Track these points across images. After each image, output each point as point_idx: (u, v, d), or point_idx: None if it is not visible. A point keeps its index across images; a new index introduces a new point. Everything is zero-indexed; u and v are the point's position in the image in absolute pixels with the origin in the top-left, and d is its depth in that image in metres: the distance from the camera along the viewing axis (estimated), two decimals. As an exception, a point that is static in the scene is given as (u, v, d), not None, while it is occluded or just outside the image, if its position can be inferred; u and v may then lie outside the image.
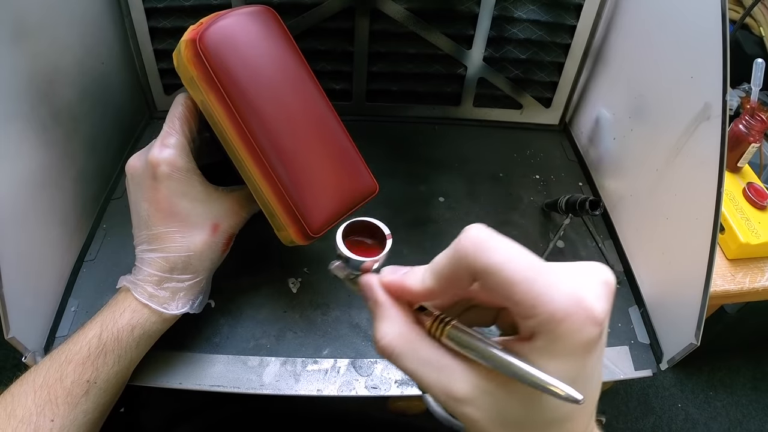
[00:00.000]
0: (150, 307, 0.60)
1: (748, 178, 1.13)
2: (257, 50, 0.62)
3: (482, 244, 0.33)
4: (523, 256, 0.33)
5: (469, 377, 0.35)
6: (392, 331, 0.38)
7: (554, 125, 1.11)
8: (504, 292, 0.33)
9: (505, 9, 0.92)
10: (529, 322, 0.33)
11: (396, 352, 0.37)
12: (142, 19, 0.91)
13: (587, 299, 0.32)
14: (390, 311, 0.39)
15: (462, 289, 0.37)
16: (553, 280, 0.32)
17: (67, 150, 0.77)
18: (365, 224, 0.47)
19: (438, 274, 0.37)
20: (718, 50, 0.63)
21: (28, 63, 0.68)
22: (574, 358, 0.33)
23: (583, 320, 0.32)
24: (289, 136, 0.62)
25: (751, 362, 2.02)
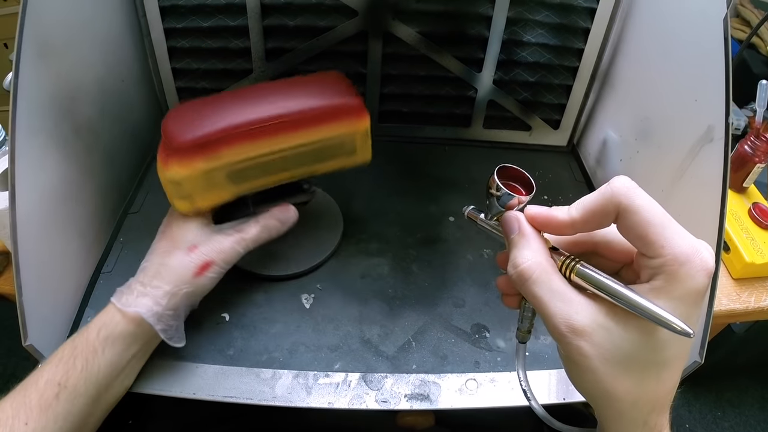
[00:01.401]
0: (113, 304, 0.62)
1: (754, 198, 1.14)
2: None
3: (632, 188, 0.39)
4: (659, 207, 0.39)
5: (590, 312, 0.40)
6: (533, 258, 0.42)
7: (562, 147, 1.13)
8: (640, 230, 0.38)
9: (515, 33, 0.94)
10: (654, 262, 0.38)
11: (533, 278, 0.42)
12: (161, 39, 0.93)
13: (704, 252, 0.37)
14: (533, 241, 0.44)
15: (599, 226, 0.42)
16: (680, 231, 0.38)
17: (87, 164, 0.79)
18: (513, 171, 0.50)
19: (585, 208, 0.42)
20: (720, 74, 0.65)
21: (53, 80, 0.70)
22: (686, 302, 0.38)
23: (699, 268, 0.37)
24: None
25: (760, 382, 2.00)
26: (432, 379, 0.71)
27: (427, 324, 0.77)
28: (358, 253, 0.86)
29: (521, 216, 0.46)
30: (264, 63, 0.95)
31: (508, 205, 0.48)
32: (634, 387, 0.40)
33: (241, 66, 0.96)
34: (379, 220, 0.90)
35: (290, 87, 0.71)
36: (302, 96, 0.69)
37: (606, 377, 0.40)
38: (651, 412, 0.42)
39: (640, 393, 0.41)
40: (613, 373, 0.40)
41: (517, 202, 0.48)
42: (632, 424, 0.42)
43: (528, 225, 0.45)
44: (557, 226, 0.44)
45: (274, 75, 0.98)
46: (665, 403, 0.43)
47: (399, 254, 0.87)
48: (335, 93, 0.70)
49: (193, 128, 0.64)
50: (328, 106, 0.69)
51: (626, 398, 0.41)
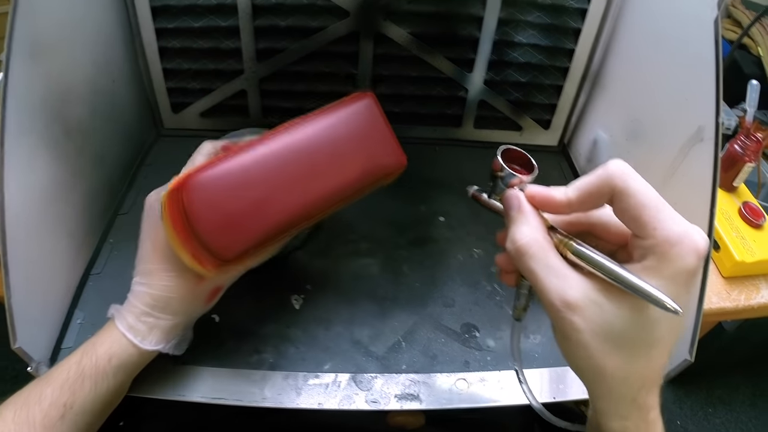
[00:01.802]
0: (127, 337, 0.60)
1: (744, 197, 1.14)
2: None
3: (627, 171, 0.41)
4: (653, 190, 0.40)
5: (584, 287, 0.41)
6: (530, 234, 0.44)
7: (553, 146, 1.13)
8: (635, 212, 0.40)
9: (506, 33, 0.94)
10: (646, 242, 0.40)
11: (530, 253, 0.43)
12: (152, 39, 0.93)
13: (695, 235, 0.39)
14: (531, 218, 0.45)
15: (595, 206, 0.44)
16: (673, 214, 0.39)
17: (77, 165, 0.78)
18: (515, 153, 0.52)
19: (581, 189, 0.43)
20: (711, 74, 0.65)
21: (43, 81, 0.70)
22: (676, 282, 0.39)
23: (689, 249, 0.38)
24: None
25: (751, 379, 2.01)
26: (422, 379, 0.71)
27: (416, 324, 0.78)
28: (348, 253, 0.86)
29: (521, 194, 0.47)
30: (255, 63, 0.95)
31: (510, 184, 0.50)
32: (623, 363, 0.42)
33: (232, 66, 0.96)
34: (369, 221, 0.90)
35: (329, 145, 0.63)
36: (347, 161, 0.63)
37: (597, 352, 0.41)
38: (640, 390, 0.43)
39: (629, 369, 0.42)
40: (603, 349, 0.41)
41: (519, 181, 0.50)
42: (621, 400, 0.44)
43: (527, 203, 0.46)
44: (555, 205, 0.45)
45: (265, 75, 0.98)
46: (655, 381, 0.44)
47: (389, 255, 0.87)
48: (379, 146, 0.66)
49: (236, 235, 0.58)
50: (376, 173, 0.66)
51: (616, 374, 0.42)
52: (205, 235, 0.56)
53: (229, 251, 0.58)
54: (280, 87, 1.00)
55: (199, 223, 0.56)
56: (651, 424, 0.45)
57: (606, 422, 0.45)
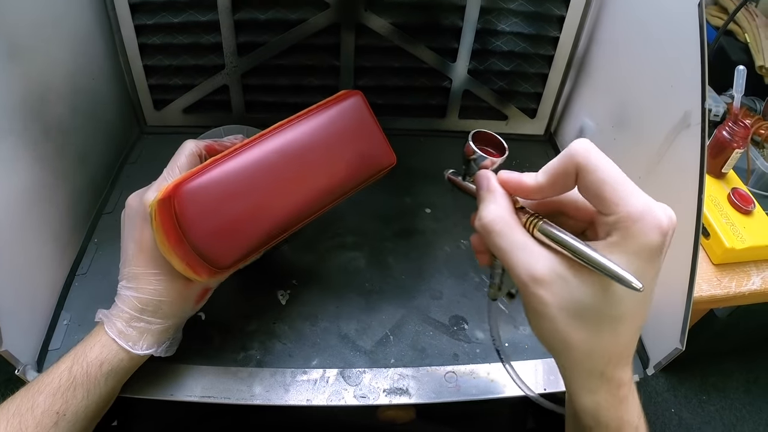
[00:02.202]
0: (118, 343, 0.59)
1: (733, 184, 1.14)
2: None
3: (589, 149, 0.41)
4: (616, 167, 0.40)
5: (550, 262, 0.42)
6: (496, 212, 0.45)
7: (539, 135, 1.12)
8: (597, 189, 0.40)
9: (489, 22, 0.94)
10: (609, 218, 0.40)
11: (496, 229, 0.44)
12: (131, 35, 0.92)
13: (656, 211, 0.39)
14: (499, 198, 0.46)
15: (564, 189, 0.44)
16: (634, 190, 0.40)
17: (59, 165, 0.78)
18: (487, 135, 0.55)
19: (550, 171, 0.44)
20: (696, 59, 0.65)
21: (20, 81, 0.69)
22: (640, 258, 0.39)
23: (651, 225, 0.38)
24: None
25: (744, 366, 2.02)
26: (410, 373, 0.71)
27: (404, 317, 0.77)
28: (334, 247, 0.86)
29: (491, 175, 0.48)
30: (236, 58, 0.94)
31: (482, 166, 0.52)
32: (589, 337, 0.42)
33: (213, 61, 0.95)
34: (355, 213, 0.89)
35: (320, 147, 0.63)
36: (337, 162, 0.64)
37: (563, 326, 0.42)
38: (607, 364, 0.44)
39: (594, 344, 0.43)
40: (569, 322, 0.42)
41: (490, 163, 0.52)
42: (588, 373, 0.44)
43: (496, 183, 0.47)
44: (527, 190, 0.46)
45: (246, 70, 0.97)
46: (623, 356, 0.45)
47: (375, 247, 0.86)
48: (368, 144, 0.67)
49: (231, 242, 0.58)
50: (367, 172, 0.67)
51: (581, 347, 0.43)
52: (199, 244, 0.56)
53: (225, 259, 0.58)
54: (262, 81, 0.99)
55: (193, 233, 0.55)
56: (622, 400, 0.46)
57: (577, 399, 0.46)
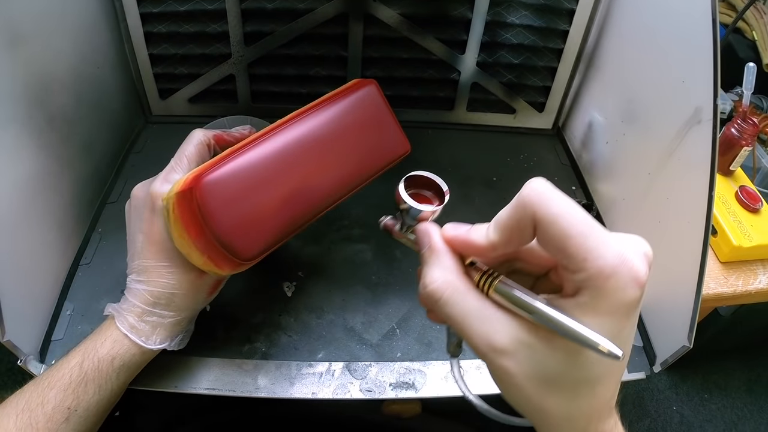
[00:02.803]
0: (130, 338, 0.59)
1: (741, 182, 1.13)
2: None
3: (544, 194, 0.35)
4: (579, 212, 0.34)
5: (512, 329, 0.36)
6: (442, 277, 0.39)
7: (547, 129, 1.12)
8: (559, 243, 0.34)
9: (498, 14, 0.93)
10: (577, 276, 0.34)
11: (444, 298, 0.39)
12: (137, 24, 0.91)
13: (633, 260, 0.33)
14: (443, 259, 0.40)
15: (522, 242, 0.38)
16: (604, 238, 0.34)
17: (63, 154, 0.77)
18: (424, 179, 0.49)
19: (502, 226, 0.38)
20: (708, 54, 0.64)
21: (24, 69, 0.68)
22: (616, 317, 0.34)
23: (627, 279, 0.33)
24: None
25: (746, 365, 2.01)
26: (417, 367, 0.70)
27: (411, 311, 0.77)
28: (340, 239, 0.85)
29: (433, 230, 0.43)
30: (243, 47, 0.94)
31: (420, 217, 0.46)
32: (565, 403, 0.37)
33: (219, 51, 0.94)
34: (362, 206, 0.88)
35: (337, 136, 0.63)
36: (354, 151, 0.64)
37: (534, 395, 0.37)
38: (589, 423, 0.39)
39: (572, 409, 0.38)
40: (541, 391, 0.37)
41: (429, 214, 0.46)
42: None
43: (439, 240, 0.42)
44: (477, 250, 0.40)
45: (253, 59, 0.96)
46: (605, 411, 0.40)
47: (382, 240, 0.85)
48: (384, 133, 0.67)
49: (255, 234, 0.57)
50: (383, 160, 0.66)
51: (558, 413, 0.38)
52: (224, 236, 0.55)
53: (249, 251, 0.57)
54: (269, 71, 0.98)
55: (216, 225, 0.54)
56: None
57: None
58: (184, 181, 0.55)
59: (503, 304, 0.37)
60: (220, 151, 0.63)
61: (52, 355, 0.69)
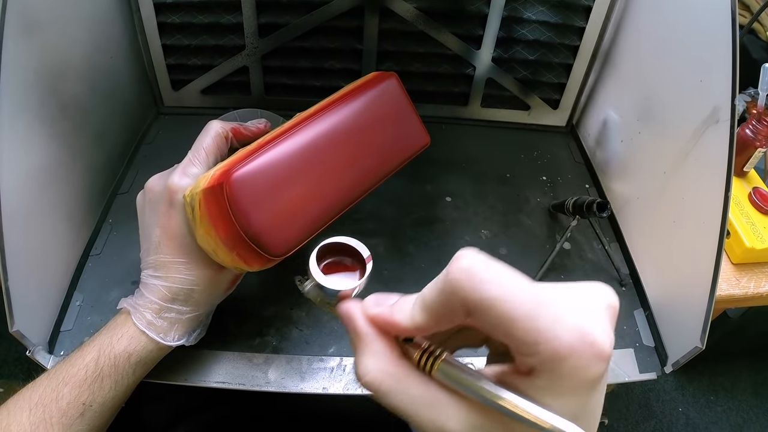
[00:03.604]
0: (147, 335, 0.58)
1: (754, 183, 1.13)
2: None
3: (476, 276, 0.31)
4: (522, 288, 0.30)
5: (464, 414, 0.33)
6: (377, 367, 0.35)
7: (561, 127, 1.11)
8: (503, 329, 0.30)
9: (515, 10, 0.92)
10: (530, 360, 0.30)
11: (383, 389, 0.34)
12: (151, 14, 0.91)
13: (594, 333, 0.29)
14: (373, 344, 0.36)
15: (455, 323, 0.34)
16: (556, 313, 0.29)
17: (75, 144, 0.77)
18: (341, 246, 0.45)
19: (429, 309, 0.34)
20: (727, 54, 0.63)
21: (37, 57, 0.68)
22: (579, 395, 0.30)
23: (589, 357, 0.29)
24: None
25: (753, 367, 2.01)
26: (429, 364, 0.70)
27: (423, 306, 0.76)
28: (353, 233, 0.83)
29: (356, 313, 0.38)
30: (257, 39, 0.93)
31: (340, 296, 0.42)
32: None
33: (233, 42, 0.94)
34: (375, 200, 0.88)
35: (362, 130, 0.62)
36: (379, 144, 0.64)
37: None
38: None
39: None
40: None
41: (348, 293, 0.42)
42: None
43: (364, 323, 0.37)
44: (402, 332, 0.36)
45: (267, 51, 0.96)
46: None
47: (395, 234, 0.85)
48: (405, 126, 0.66)
49: (286, 230, 0.56)
50: (406, 153, 0.66)
51: None
52: (256, 232, 0.54)
53: (281, 247, 0.56)
54: (283, 63, 0.98)
55: (248, 221, 0.54)
56: None
57: None
58: (211, 177, 0.54)
59: (450, 386, 0.34)
60: (237, 145, 0.63)
61: (61, 346, 0.69)
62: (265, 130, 0.64)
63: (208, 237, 0.55)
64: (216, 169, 0.55)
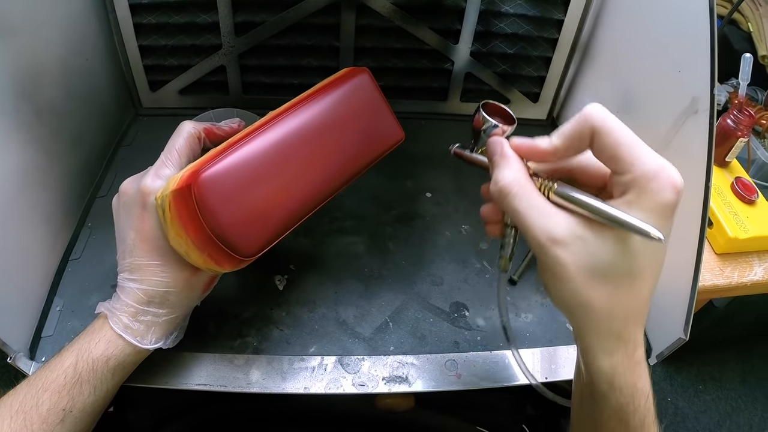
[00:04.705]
0: (124, 338, 0.58)
1: (736, 173, 1.13)
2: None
3: (604, 112, 0.42)
4: (629, 129, 0.42)
5: (568, 223, 0.43)
6: (511, 176, 0.45)
7: (542, 120, 1.11)
8: (612, 150, 0.42)
9: (492, 3, 0.92)
10: (625, 178, 0.41)
11: (513, 192, 0.45)
12: (126, 15, 0.90)
13: (671, 170, 0.41)
14: (513, 162, 0.47)
15: (579, 150, 0.45)
16: (648, 150, 0.41)
17: (51, 148, 0.76)
18: (496, 108, 0.54)
19: (565, 135, 0.45)
20: (705, 44, 0.63)
21: (11, 61, 0.67)
22: (656, 214, 0.40)
23: (666, 183, 0.40)
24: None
25: (740, 356, 2.03)
26: (410, 361, 0.70)
27: (404, 304, 0.76)
28: (333, 231, 0.84)
29: (504, 141, 0.48)
30: (233, 38, 0.93)
31: (493, 134, 0.52)
32: (609, 296, 0.43)
33: (209, 41, 0.93)
34: (354, 197, 0.88)
35: (333, 126, 0.62)
36: (351, 141, 0.64)
37: (582, 286, 0.43)
38: (626, 324, 0.45)
39: (614, 302, 0.44)
40: (589, 283, 0.43)
41: (501, 131, 0.52)
42: (608, 334, 0.45)
43: (509, 148, 0.48)
44: (541, 153, 0.46)
45: (244, 50, 0.95)
46: (639, 315, 0.46)
47: (375, 232, 0.85)
48: (378, 121, 0.67)
49: (256, 230, 0.56)
50: (378, 149, 0.67)
51: (602, 306, 0.43)
52: (225, 233, 0.54)
53: (251, 247, 0.56)
54: (260, 62, 0.97)
55: (216, 222, 0.53)
56: (637, 364, 0.47)
57: (593, 360, 0.46)
58: (180, 179, 0.53)
59: (562, 204, 0.44)
60: (210, 145, 0.62)
61: (42, 352, 0.68)
62: (239, 130, 0.64)
63: (179, 239, 0.55)
64: (185, 170, 0.55)
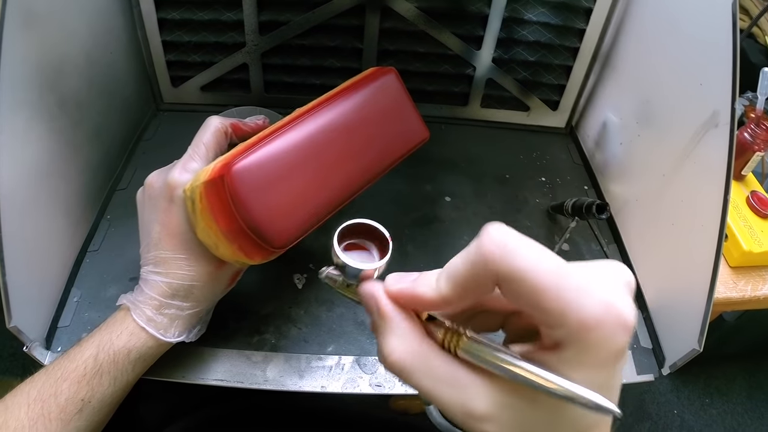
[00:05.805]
0: (147, 331, 0.58)
1: (752, 187, 1.13)
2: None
3: (507, 247, 0.31)
4: (550, 260, 0.31)
5: (489, 392, 0.32)
6: (402, 347, 0.35)
7: (561, 128, 1.11)
8: (530, 300, 0.30)
9: (516, 11, 0.92)
10: (556, 332, 0.30)
11: (407, 369, 0.34)
12: (151, 10, 0.91)
13: (618, 305, 0.30)
14: (397, 324, 0.36)
15: (481, 296, 0.34)
16: (582, 285, 0.30)
17: (73, 139, 0.76)
18: (363, 227, 0.44)
19: (456, 279, 0.33)
20: (728, 58, 0.63)
21: (37, 51, 0.67)
22: (604, 366, 0.31)
23: (614, 327, 0.29)
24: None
25: (748, 371, 2.01)
26: (427, 363, 0.70)
27: (422, 306, 0.76)
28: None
29: (378, 293, 0.38)
30: (257, 36, 0.93)
31: (362, 277, 0.41)
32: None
33: (233, 39, 0.94)
34: (374, 200, 0.88)
35: (362, 124, 0.62)
36: (378, 139, 0.64)
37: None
38: None
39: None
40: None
41: (371, 272, 0.41)
42: None
43: (388, 305, 0.37)
44: (426, 305, 0.36)
45: (267, 49, 0.95)
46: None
47: (394, 235, 0.83)
48: (404, 120, 0.67)
49: (287, 222, 0.56)
50: (404, 147, 0.67)
51: None
52: (257, 224, 0.54)
53: (282, 238, 0.56)
54: (283, 61, 0.97)
55: (249, 212, 0.53)
56: None
57: None
58: (211, 170, 0.54)
59: (476, 364, 0.33)
60: (236, 141, 0.63)
61: (58, 342, 0.69)
62: (264, 126, 0.64)
63: (209, 230, 0.55)
64: (216, 162, 0.55)
